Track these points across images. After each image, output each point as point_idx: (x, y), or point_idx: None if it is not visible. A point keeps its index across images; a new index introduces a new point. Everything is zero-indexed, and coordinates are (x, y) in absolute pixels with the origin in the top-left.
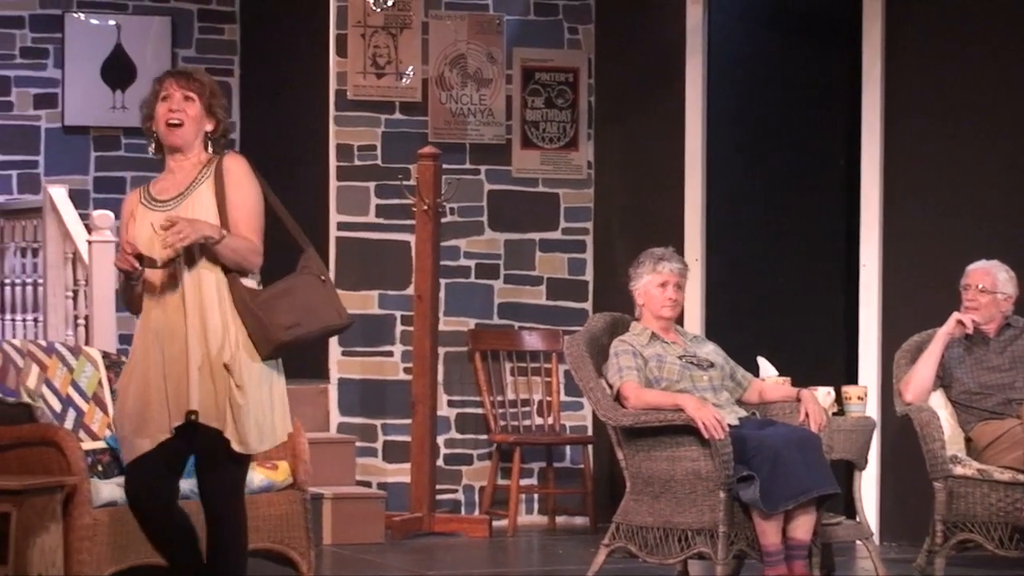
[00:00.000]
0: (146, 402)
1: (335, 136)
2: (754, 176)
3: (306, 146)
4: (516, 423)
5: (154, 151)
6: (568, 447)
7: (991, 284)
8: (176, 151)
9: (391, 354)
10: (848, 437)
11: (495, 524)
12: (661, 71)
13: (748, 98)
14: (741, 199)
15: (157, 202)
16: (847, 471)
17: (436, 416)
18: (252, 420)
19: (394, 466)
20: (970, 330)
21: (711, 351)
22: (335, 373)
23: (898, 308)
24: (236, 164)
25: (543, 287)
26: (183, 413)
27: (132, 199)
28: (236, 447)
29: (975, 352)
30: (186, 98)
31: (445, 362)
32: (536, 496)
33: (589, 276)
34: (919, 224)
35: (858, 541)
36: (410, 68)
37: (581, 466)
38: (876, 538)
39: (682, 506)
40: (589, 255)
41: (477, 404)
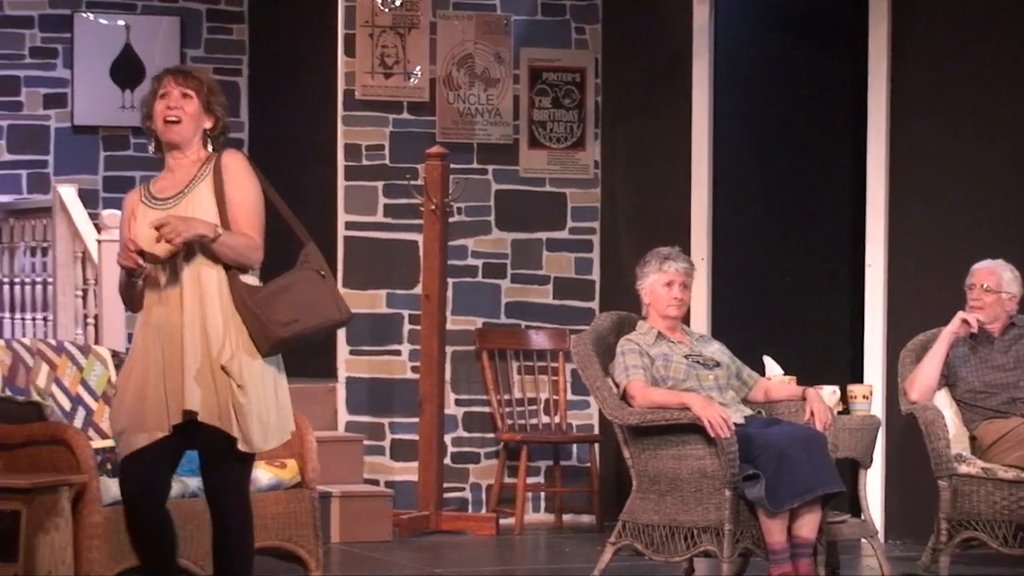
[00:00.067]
0: (144, 398)
1: (343, 136)
2: (760, 176)
3: (314, 146)
4: (523, 422)
5: (154, 150)
6: (575, 446)
7: (996, 283)
8: (175, 148)
9: (399, 353)
10: (853, 436)
11: (502, 522)
12: (668, 71)
13: (754, 98)
14: (747, 199)
15: (157, 200)
16: (852, 469)
17: (443, 415)
18: (255, 419)
19: (401, 464)
20: (975, 329)
21: (717, 350)
22: (343, 372)
23: (903, 307)
24: (234, 161)
25: (550, 286)
26: (181, 412)
27: (132, 197)
28: (241, 447)
29: (980, 351)
30: (184, 95)
31: (452, 361)
32: (543, 494)
33: (596, 275)
34: (924, 224)
35: (863, 539)
36: (418, 68)
37: (588, 464)
38: (881, 536)
39: (688, 504)
40: (596, 254)
41: (484, 403)
